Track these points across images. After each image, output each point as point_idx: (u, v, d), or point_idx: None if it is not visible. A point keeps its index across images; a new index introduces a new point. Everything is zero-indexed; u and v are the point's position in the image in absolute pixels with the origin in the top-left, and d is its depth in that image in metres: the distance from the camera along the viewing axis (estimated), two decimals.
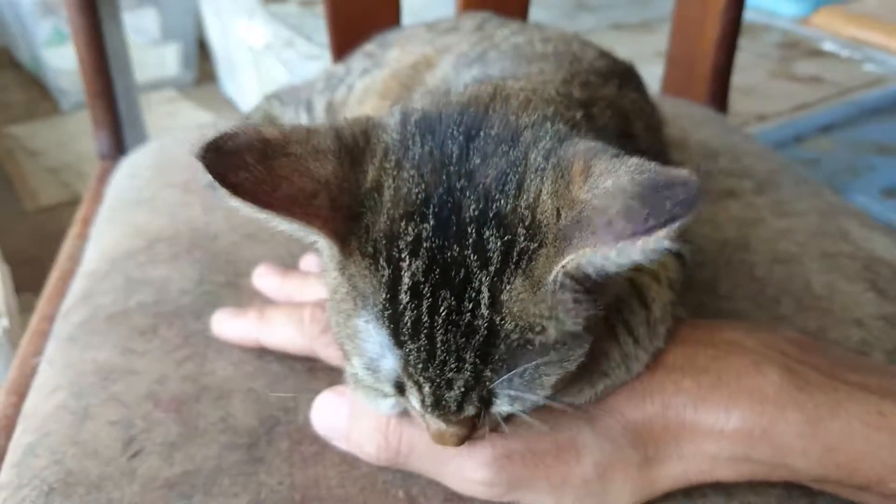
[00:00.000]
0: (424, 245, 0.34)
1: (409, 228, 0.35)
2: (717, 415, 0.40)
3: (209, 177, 0.32)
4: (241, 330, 0.52)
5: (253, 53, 1.90)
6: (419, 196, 0.35)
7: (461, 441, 0.38)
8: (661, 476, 0.41)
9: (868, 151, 1.49)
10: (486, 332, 0.34)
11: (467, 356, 0.34)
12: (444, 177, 0.36)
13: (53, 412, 0.49)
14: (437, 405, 0.36)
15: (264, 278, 0.57)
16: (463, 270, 0.34)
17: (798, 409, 0.39)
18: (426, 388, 0.35)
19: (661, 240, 0.30)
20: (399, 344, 0.35)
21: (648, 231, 0.30)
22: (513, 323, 0.34)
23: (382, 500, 0.43)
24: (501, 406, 0.36)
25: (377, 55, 0.75)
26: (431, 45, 0.69)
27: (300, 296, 0.54)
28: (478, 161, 0.36)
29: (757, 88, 1.87)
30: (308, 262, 0.59)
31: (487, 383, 0.35)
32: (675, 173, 0.31)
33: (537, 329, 0.34)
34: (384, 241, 0.35)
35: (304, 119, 0.78)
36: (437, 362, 0.35)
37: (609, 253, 0.31)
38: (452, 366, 0.34)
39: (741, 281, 0.60)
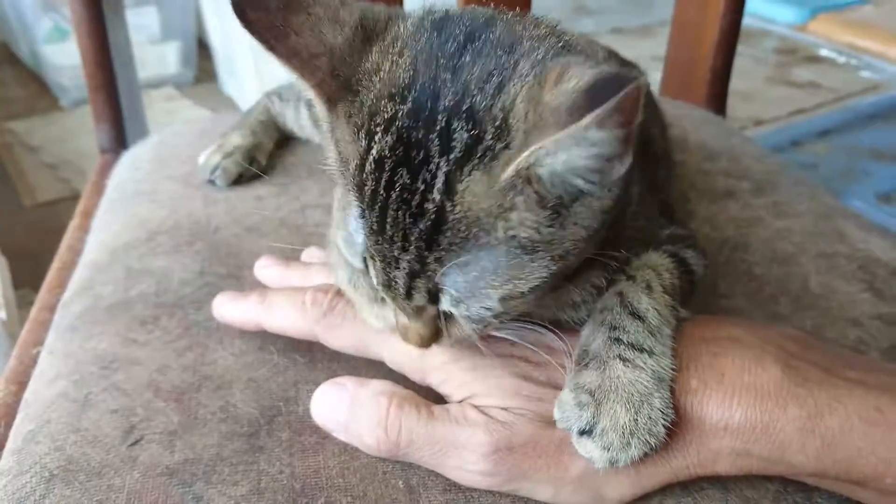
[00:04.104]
0: (397, 124, 0.36)
1: (389, 107, 0.37)
2: (722, 411, 0.40)
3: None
4: (243, 313, 0.52)
5: (253, 51, 1.90)
6: (405, 80, 0.38)
7: (425, 341, 0.41)
8: (661, 469, 0.42)
9: (864, 157, 1.50)
10: (434, 217, 0.36)
11: (413, 237, 0.36)
12: (433, 67, 0.38)
13: (54, 400, 0.49)
14: (388, 286, 0.38)
15: (266, 269, 0.57)
16: (423, 152, 0.36)
17: (798, 404, 0.40)
18: (377, 263, 0.38)
19: (589, 127, 0.31)
20: (362, 214, 0.38)
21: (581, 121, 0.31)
22: (461, 213, 0.35)
23: (382, 489, 0.43)
24: (446, 304, 0.38)
25: None
26: None
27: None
28: (468, 59, 0.38)
29: (755, 93, 1.88)
30: (310, 253, 0.59)
31: (431, 272, 0.37)
32: (622, 72, 0.32)
33: (486, 226, 0.36)
34: (367, 116, 0.37)
35: (304, 116, 0.78)
36: (386, 236, 0.37)
37: (552, 147, 0.33)
38: (398, 244, 0.37)
39: (740, 280, 0.60)
